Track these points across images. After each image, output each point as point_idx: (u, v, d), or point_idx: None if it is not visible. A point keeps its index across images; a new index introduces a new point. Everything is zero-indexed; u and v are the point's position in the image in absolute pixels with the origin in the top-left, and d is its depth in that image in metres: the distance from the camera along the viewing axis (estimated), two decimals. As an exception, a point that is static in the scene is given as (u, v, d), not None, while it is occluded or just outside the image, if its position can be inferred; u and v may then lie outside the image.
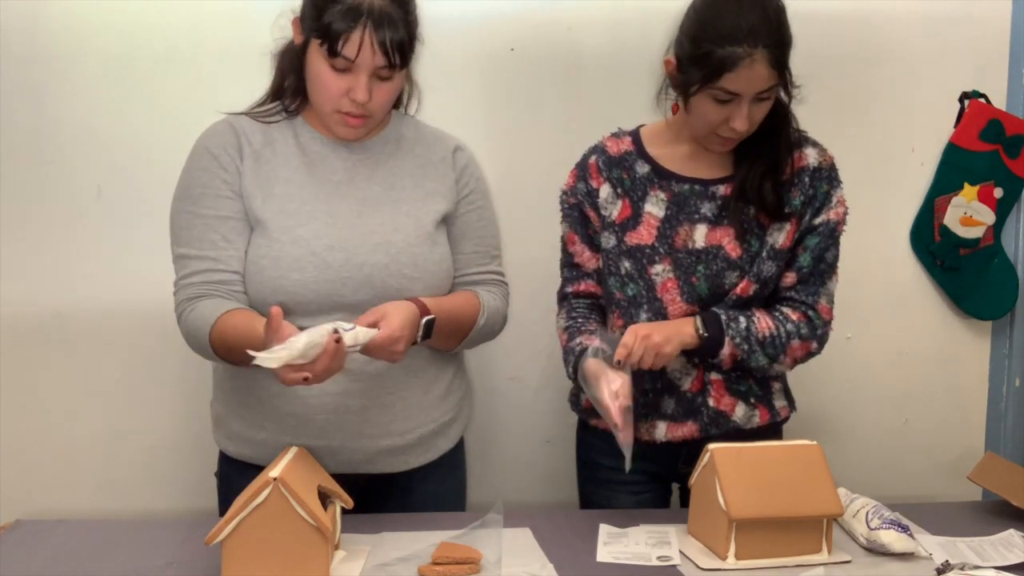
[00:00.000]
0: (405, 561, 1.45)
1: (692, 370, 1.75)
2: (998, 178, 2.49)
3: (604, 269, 1.79)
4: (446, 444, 1.77)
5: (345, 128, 1.65)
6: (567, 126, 2.34)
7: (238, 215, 1.64)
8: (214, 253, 1.62)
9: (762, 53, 1.57)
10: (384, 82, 1.61)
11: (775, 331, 1.70)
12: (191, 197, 1.65)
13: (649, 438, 1.76)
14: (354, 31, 1.54)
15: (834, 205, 1.74)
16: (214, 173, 1.64)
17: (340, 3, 1.55)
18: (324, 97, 1.61)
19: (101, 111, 2.26)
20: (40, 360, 2.32)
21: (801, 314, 1.73)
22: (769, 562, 1.47)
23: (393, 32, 1.56)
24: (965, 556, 1.51)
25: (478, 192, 1.78)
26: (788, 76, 1.64)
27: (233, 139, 1.67)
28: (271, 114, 1.71)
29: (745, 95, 1.61)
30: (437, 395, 1.74)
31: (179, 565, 1.44)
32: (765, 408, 1.78)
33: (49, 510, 2.22)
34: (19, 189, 2.27)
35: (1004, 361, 2.58)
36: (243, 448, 1.71)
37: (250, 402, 1.68)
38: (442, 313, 1.63)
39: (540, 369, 2.35)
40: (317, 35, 1.56)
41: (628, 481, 1.82)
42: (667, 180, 1.75)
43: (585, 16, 2.33)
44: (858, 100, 2.44)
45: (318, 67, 1.59)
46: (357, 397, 1.65)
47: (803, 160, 1.73)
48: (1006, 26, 2.47)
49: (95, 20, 2.24)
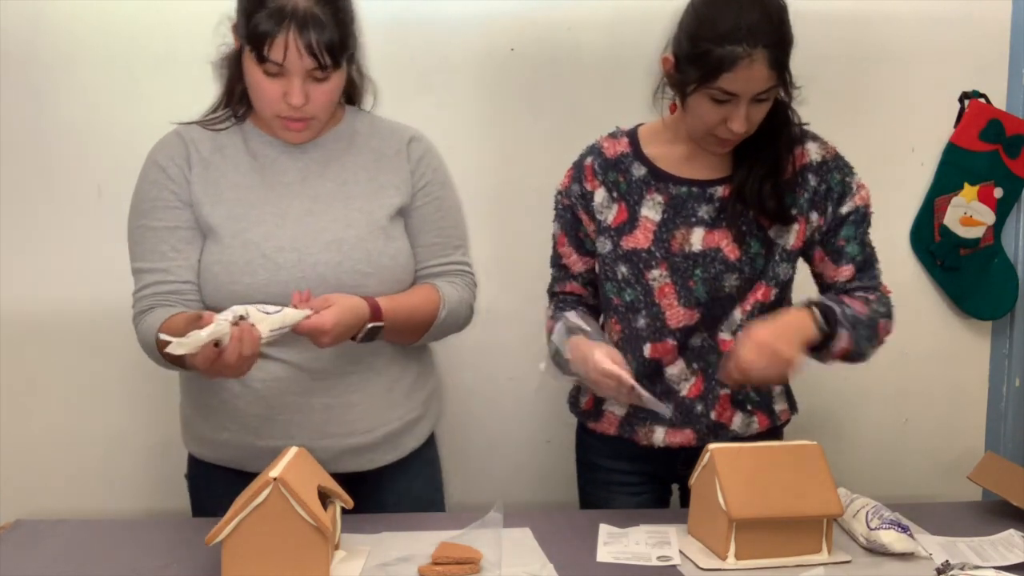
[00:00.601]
0: (405, 561, 1.45)
1: (691, 376, 1.73)
2: (998, 178, 2.49)
3: (600, 274, 1.78)
4: (413, 442, 1.76)
5: (288, 133, 1.64)
6: (567, 126, 2.34)
7: (187, 224, 1.65)
8: (164, 264, 1.63)
9: (762, 53, 1.54)
10: (321, 83, 1.59)
11: (869, 314, 1.68)
12: (141, 211, 1.67)
13: (647, 443, 1.76)
14: (279, 35, 1.52)
15: (855, 191, 1.72)
16: (162, 185, 1.65)
17: (265, 7, 1.54)
18: (263, 103, 1.61)
19: (101, 111, 2.26)
20: (40, 360, 2.32)
21: (876, 295, 1.73)
22: (769, 562, 1.47)
23: (319, 33, 1.54)
24: (965, 556, 1.51)
25: (436, 183, 1.76)
26: (788, 77, 1.61)
27: (181, 149, 1.67)
28: (220, 121, 1.70)
29: (743, 96, 1.58)
30: (401, 393, 1.73)
31: (179, 565, 1.44)
32: (764, 414, 1.77)
33: (49, 510, 2.21)
34: (19, 189, 2.27)
35: (1004, 361, 2.58)
36: (207, 450, 1.72)
37: (213, 403, 1.69)
38: (398, 313, 1.62)
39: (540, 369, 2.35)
40: (247, 40, 1.56)
41: (627, 483, 1.82)
42: (664, 182, 1.73)
43: (585, 16, 2.33)
44: (858, 100, 2.44)
45: (252, 73, 1.58)
46: (320, 396, 1.65)
47: (804, 157, 1.71)
48: (1006, 26, 2.47)
49: (95, 20, 2.24)
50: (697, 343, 1.73)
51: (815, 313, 1.61)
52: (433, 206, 1.75)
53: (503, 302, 2.39)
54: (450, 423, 2.42)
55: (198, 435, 1.73)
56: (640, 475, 1.82)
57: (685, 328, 1.71)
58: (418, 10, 2.31)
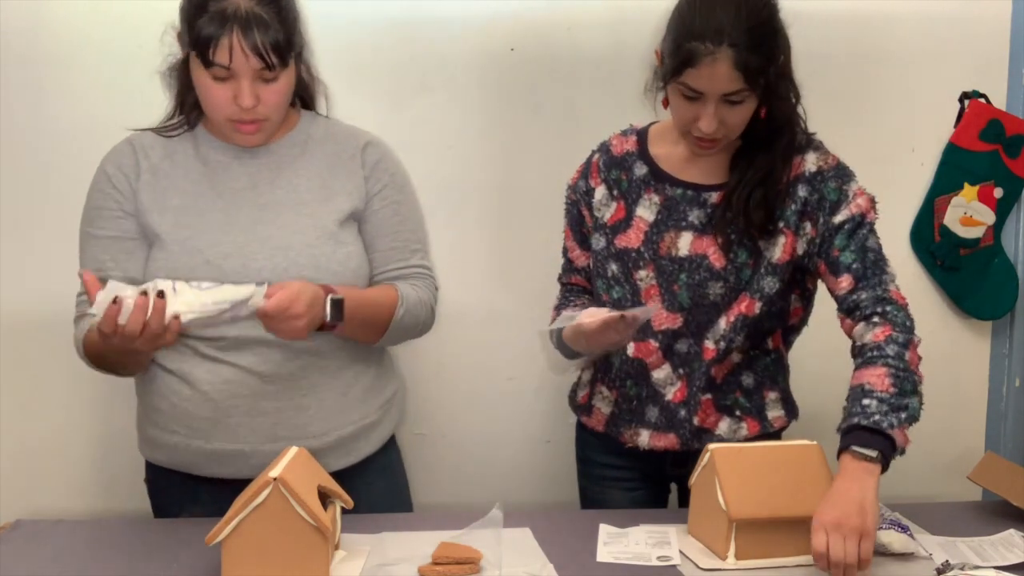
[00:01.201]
0: (405, 561, 1.45)
1: (676, 380, 1.73)
2: (998, 178, 2.49)
3: (593, 270, 1.79)
4: (368, 447, 1.75)
5: (241, 136, 1.63)
6: (567, 126, 2.34)
7: (129, 235, 1.66)
8: (101, 275, 1.60)
9: (727, 52, 1.52)
10: (270, 83, 1.58)
11: (894, 375, 1.52)
12: (87, 218, 1.69)
13: (633, 444, 1.76)
14: (223, 37, 1.52)
15: (852, 199, 1.66)
16: (107, 194, 1.67)
17: (207, 12, 1.54)
18: (213, 107, 1.60)
19: (101, 111, 2.26)
20: (40, 360, 2.32)
21: (883, 327, 1.57)
22: (769, 562, 1.47)
23: (264, 33, 1.53)
24: (965, 556, 1.51)
25: (392, 187, 1.74)
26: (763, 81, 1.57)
27: (130, 158, 1.68)
28: (173, 128, 1.71)
29: (709, 95, 1.56)
30: (356, 397, 1.72)
31: (179, 565, 1.44)
32: (754, 420, 1.75)
33: (49, 510, 2.22)
34: (19, 189, 2.27)
35: (1004, 361, 2.58)
36: (159, 453, 1.72)
37: (162, 407, 1.69)
38: (352, 299, 1.59)
39: (540, 369, 2.35)
40: (192, 46, 1.56)
41: (621, 478, 1.84)
42: (663, 183, 1.72)
43: (585, 16, 2.33)
44: (858, 100, 2.43)
45: (200, 78, 1.58)
46: (270, 399, 1.65)
47: (800, 167, 1.67)
48: (1006, 26, 2.47)
49: (95, 20, 2.24)
50: (683, 349, 1.72)
51: (860, 455, 1.45)
52: (390, 210, 1.73)
53: (503, 302, 2.39)
54: (450, 423, 2.43)
55: (149, 439, 1.73)
56: (632, 471, 1.83)
57: (668, 331, 1.71)
58: (418, 10, 2.31)
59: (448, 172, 2.35)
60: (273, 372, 1.64)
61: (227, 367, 1.64)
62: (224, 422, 1.64)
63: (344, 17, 2.26)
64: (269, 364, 1.64)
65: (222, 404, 1.64)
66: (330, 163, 1.71)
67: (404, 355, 2.33)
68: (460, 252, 2.37)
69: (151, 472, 1.77)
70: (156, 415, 1.70)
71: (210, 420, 1.65)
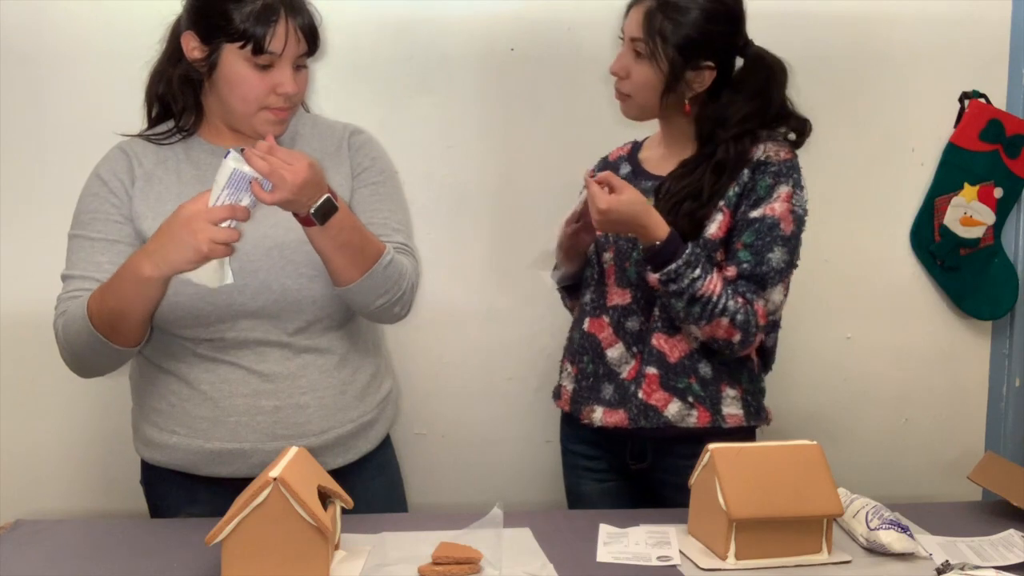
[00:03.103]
0: (405, 561, 1.45)
1: (631, 359, 1.78)
2: (998, 178, 2.49)
3: None
4: (366, 445, 1.75)
5: (274, 124, 1.64)
6: (567, 126, 2.34)
7: (127, 239, 1.64)
8: (99, 275, 1.60)
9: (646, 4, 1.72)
10: (301, 71, 1.63)
11: (715, 297, 1.66)
12: (81, 222, 1.66)
13: (588, 421, 1.81)
14: (278, 24, 1.55)
15: (775, 200, 1.69)
16: (103, 198, 1.66)
17: (249, 3, 1.55)
18: (250, 98, 1.60)
19: (101, 111, 2.26)
20: (40, 360, 2.32)
21: (744, 302, 1.69)
22: (769, 562, 1.47)
23: (304, 17, 1.59)
24: (965, 556, 1.51)
25: (374, 170, 1.74)
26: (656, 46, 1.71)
27: (124, 164, 1.68)
28: (166, 136, 1.70)
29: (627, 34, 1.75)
30: (353, 396, 1.72)
31: (179, 565, 1.44)
32: (706, 410, 1.75)
33: (49, 510, 2.22)
34: (19, 189, 2.27)
35: (1004, 361, 2.58)
36: (157, 454, 1.70)
37: (161, 407, 1.68)
38: (349, 217, 1.56)
39: (540, 369, 2.35)
40: (234, 39, 1.56)
41: (592, 468, 1.89)
42: (638, 179, 1.82)
43: (585, 16, 2.33)
44: (858, 100, 2.44)
45: (238, 71, 1.58)
46: (269, 398, 1.65)
47: (753, 154, 1.73)
48: (1006, 26, 2.47)
49: (95, 20, 2.24)
50: (635, 327, 1.79)
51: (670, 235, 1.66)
52: (370, 190, 1.73)
53: (503, 302, 2.39)
54: (450, 423, 2.43)
55: (147, 439, 1.71)
56: (599, 460, 1.87)
57: (619, 307, 1.79)
58: (418, 10, 2.31)
59: (448, 172, 2.35)
60: (272, 371, 1.64)
61: (226, 366, 1.64)
62: (224, 421, 1.64)
63: (344, 17, 2.26)
64: (268, 363, 1.64)
65: (221, 403, 1.64)
66: (320, 156, 1.70)
67: (404, 355, 2.33)
68: (460, 252, 2.38)
69: (148, 473, 1.76)
70: (155, 415, 1.69)
71: (209, 420, 1.65)
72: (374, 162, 1.76)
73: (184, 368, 1.65)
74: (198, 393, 1.65)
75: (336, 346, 1.70)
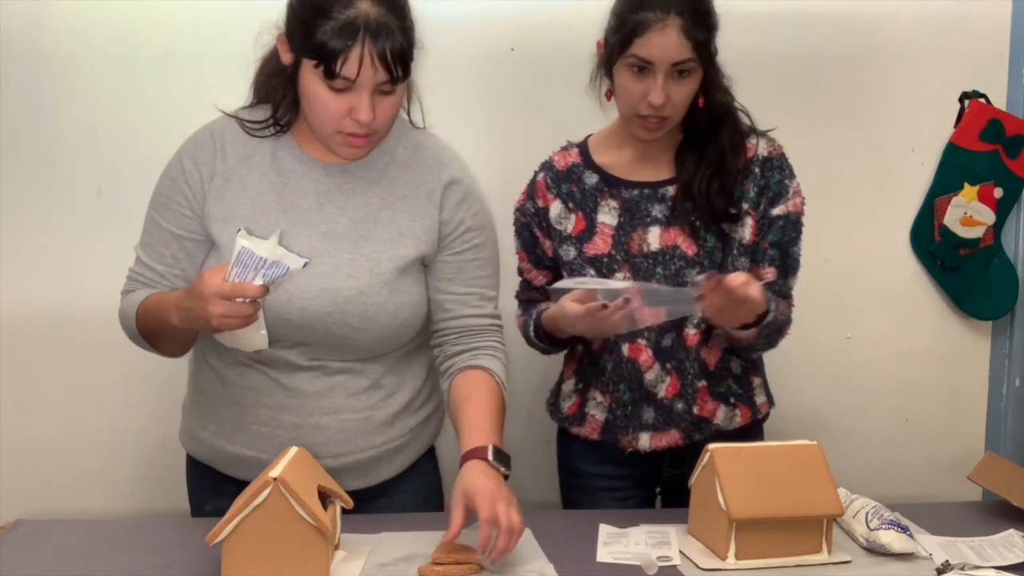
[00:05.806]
0: (405, 561, 1.45)
1: (666, 376, 1.74)
2: (998, 178, 2.49)
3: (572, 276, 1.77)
4: (388, 471, 1.69)
5: (349, 149, 1.55)
6: (567, 126, 2.33)
7: (193, 235, 1.61)
8: (161, 267, 1.61)
9: (675, 20, 1.59)
10: (387, 96, 1.51)
11: (787, 315, 1.71)
12: (157, 204, 1.64)
13: (633, 449, 1.77)
14: (352, 49, 1.42)
15: (791, 196, 1.73)
16: (179, 188, 1.61)
17: (332, 19, 1.43)
18: (324, 119, 1.51)
19: (101, 111, 2.26)
20: (40, 360, 2.32)
21: (788, 303, 1.74)
22: (769, 562, 1.47)
23: (392, 42, 1.45)
24: (965, 556, 1.51)
25: (476, 229, 1.66)
26: (707, 54, 1.64)
27: (209, 153, 1.60)
28: (263, 127, 1.61)
29: (659, 64, 1.60)
30: (381, 421, 1.65)
31: (179, 565, 1.44)
32: (746, 407, 1.79)
33: (49, 510, 2.21)
34: (19, 190, 2.27)
35: (1004, 361, 2.58)
36: (192, 444, 1.74)
37: (199, 400, 1.70)
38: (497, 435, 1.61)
39: (540, 369, 2.35)
40: (310, 55, 1.46)
41: (612, 488, 1.84)
42: (616, 187, 1.76)
43: (585, 16, 2.30)
44: (858, 100, 2.43)
45: (314, 89, 1.48)
46: (291, 414, 1.62)
47: (752, 150, 1.73)
48: (1006, 26, 2.47)
49: (95, 20, 2.24)
50: (668, 344, 1.74)
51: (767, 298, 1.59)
52: (471, 254, 1.66)
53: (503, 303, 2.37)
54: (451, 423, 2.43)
55: (186, 428, 1.75)
56: (625, 479, 1.83)
57: (654, 327, 1.72)
58: (418, 10, 2.29)
59: (448, 172, 2.34)
60: (298, 387, 1.61)
61: (257, 374, 1.62)
62: (247, 428, 1.64)
63: (344, 17, 2.26)
64: (295, 378, 1.61)
65: (247, 409, 1.63)
66: (405, 195, 1.62)
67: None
68: (460, 252, 2.37)
69: (188, 465, 1.77)
70: (195, 408, 1.72)
71: (234, 423, 1.65)
72: (475, 219, 1.66)
73: (223, 367, 1.65)
74: (229, 394, 1.64)
75: (371, 370, 1.64)
